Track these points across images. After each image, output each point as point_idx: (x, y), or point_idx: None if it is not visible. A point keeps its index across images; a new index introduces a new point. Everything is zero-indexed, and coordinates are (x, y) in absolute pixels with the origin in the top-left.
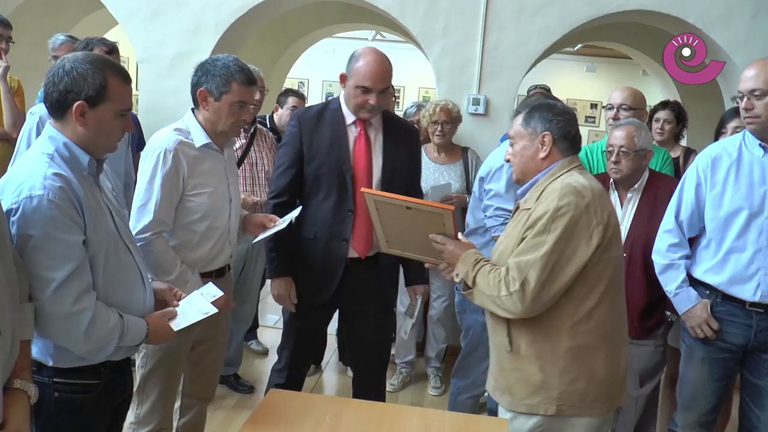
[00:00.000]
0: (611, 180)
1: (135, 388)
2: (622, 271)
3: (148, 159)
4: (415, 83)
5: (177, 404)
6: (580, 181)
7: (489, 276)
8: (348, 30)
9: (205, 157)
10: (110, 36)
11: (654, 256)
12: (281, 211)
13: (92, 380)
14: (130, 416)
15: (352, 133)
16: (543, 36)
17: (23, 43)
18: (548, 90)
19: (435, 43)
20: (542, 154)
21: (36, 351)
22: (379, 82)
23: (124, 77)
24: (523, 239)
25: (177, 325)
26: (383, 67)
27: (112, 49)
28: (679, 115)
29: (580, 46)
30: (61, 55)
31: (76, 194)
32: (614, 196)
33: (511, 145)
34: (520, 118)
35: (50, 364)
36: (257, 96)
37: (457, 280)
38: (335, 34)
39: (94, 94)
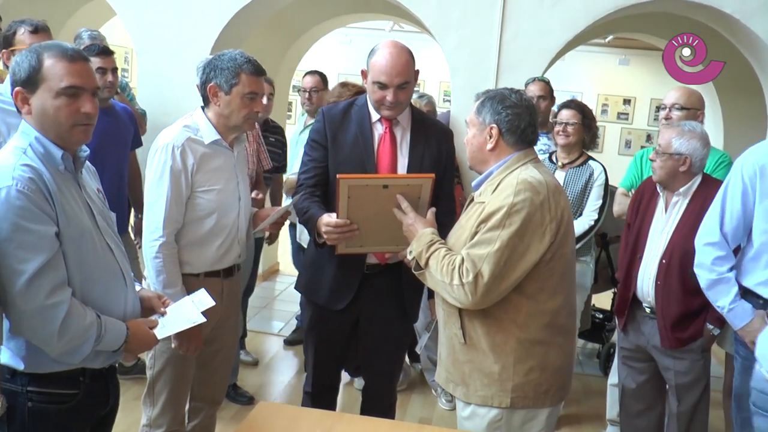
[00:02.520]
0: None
1: (144, 390)
2: (573, 266)
3: (156, 156)
4: (436, 77)
5: (186, 407)
6: (536, 176)
7: (443, 261)
8: (362, 20)
9: (214, 154)
10: (109, 26)
11: (698, 270)
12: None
13: (69, 390)
14: (143, 419)
15: (378, 131)
16: (565, 27)
17: None
18: (548, 83)
19: (450, 34)
20: (489, 146)
21: (8, 356)
22: (395, 77)
23: (64, 55)
24: (476, 233)
25: (162, 332)
26: (400, 60)
27: (38, 27)
28: None
29: (611, 37)
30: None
31: (46, 186)
32: (661, 199)
33: (467, 129)
34: (475, 106)
35: (22, 368)
36: (264, 100)
37: (409, 257)
38: (350, 25)
39: (26, 76)
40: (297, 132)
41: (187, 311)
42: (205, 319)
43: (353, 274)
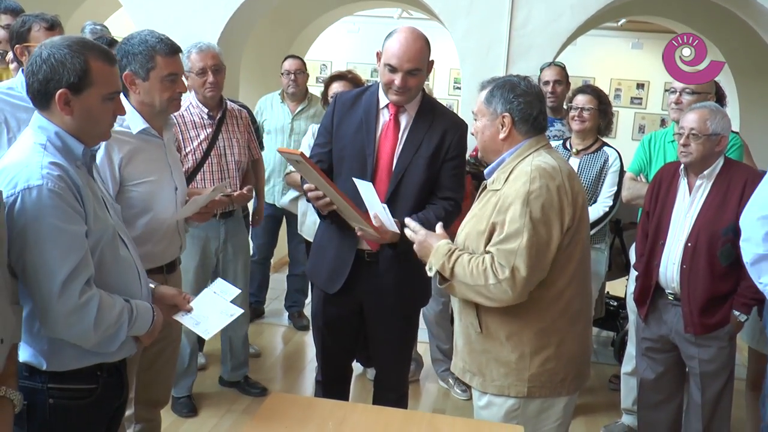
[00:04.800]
0: (681, 166)
1: None
2: (589, 252)
3: None
4: (447, 64)
5: (129, 411)
6: (550, 162)
7: (471, 265)
8: (369, 8)
9: (143, 145)
10: (114, 19)
11: (745, 245)
12: None
13: (88, 385)
14: None
15: (383, 117)
16: (576, 11)
17: None
18: (563, 68)
19: (459, 21)
20: (502, 135)
21: (29, 354)
22: (405, 62)
23: (108, 58)
24: (492, 223)
25: (206, 332)
26: (414, 46)
27: (54, 24)
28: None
29: (623, 21)
30: None
31: (74, 183)
32: (683, 183)
33: (475, 120)
34: (483, 95)
35: (44, 367)
36: (211, 78)
37: (431, 273)
38: (357, 13)
39: (77, 80)
40: (287, 120)
41: (216, 304)
42: (243, 310)
43: (346, 256)
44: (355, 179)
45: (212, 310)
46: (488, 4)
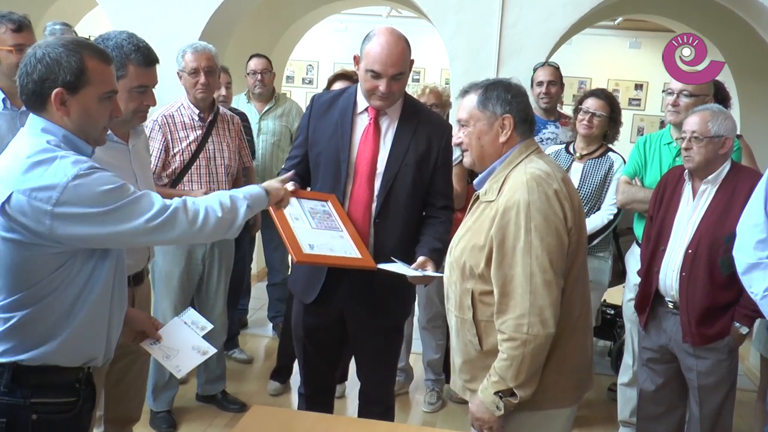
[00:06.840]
0: (685, 170)
1: None
2: (586, 259)
3: None
4: (437, 64)
5: (99, 430)
6: (543, 167)
7: (507, 357)
8: (356, 6)
9: (102, 151)
10: (90, 17)
11: (737, 254)
12: None
13: (70, 398)
14: None
15: (362, 121)
16: (569, 10)
17: None
18: (557, 68)
19: (448, 19)
20: (503, 138)
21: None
22: (390, 67)
23: (104, 57)
24: (502, 242)
25: (178, 370)
26: (397, 49)
27: (21, 25)
28: (716, 94)
29: (620, 19)
30: None
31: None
32: (687, 187)
33: (463, 127)
34: (474, 99)
35: (15, 358)
36: (203, 80)
37: (500, 412)
38: (345, 11)
39: (73, 78)
40: (255, 120)
41: (188, 338)
42: (216, 350)
43: (319, 266)
44: (382, 266)
45: (183, 343)
46: (478, 2)
